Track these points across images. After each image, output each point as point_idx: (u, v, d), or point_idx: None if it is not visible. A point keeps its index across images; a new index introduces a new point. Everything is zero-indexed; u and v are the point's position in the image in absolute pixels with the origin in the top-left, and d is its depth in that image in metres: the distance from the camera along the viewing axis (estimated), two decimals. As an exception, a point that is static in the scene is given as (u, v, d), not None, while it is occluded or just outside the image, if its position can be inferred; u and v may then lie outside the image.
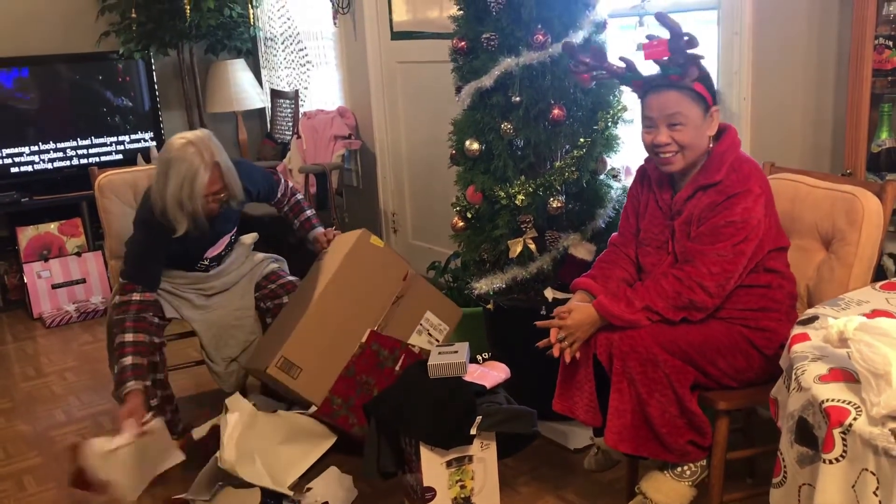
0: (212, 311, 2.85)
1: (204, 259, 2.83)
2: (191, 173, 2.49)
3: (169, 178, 2.51)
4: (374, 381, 2.49)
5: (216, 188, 2.56)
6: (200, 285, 2.86)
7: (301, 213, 3.02)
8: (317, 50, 5.07)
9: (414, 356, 2.54)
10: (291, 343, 2.46)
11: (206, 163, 2.51)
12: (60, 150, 4.89)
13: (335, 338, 2.50)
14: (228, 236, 2.88)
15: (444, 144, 2.98)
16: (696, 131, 2.01)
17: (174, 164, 2.50)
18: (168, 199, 2.52)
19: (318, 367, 2.47)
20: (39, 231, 4.70)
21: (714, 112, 2.03)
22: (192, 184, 2.49)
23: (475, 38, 2.69)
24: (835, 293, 1.98)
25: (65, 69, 4.88)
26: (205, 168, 2.50)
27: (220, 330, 2.87)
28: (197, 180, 2.49)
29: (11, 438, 3.17)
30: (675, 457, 2.01)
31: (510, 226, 2.72)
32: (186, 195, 2.50)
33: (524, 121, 2.64)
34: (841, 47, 2.46)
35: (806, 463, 1.44)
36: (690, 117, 2.00)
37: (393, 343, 2.55)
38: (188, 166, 2.49)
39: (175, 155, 2.51)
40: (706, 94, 2.01)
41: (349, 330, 2.52)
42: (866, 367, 1.35)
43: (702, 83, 2.00)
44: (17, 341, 4.26)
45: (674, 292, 1.98)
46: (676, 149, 2.03)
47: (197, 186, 2.50)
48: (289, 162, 4.87)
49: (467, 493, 2.28)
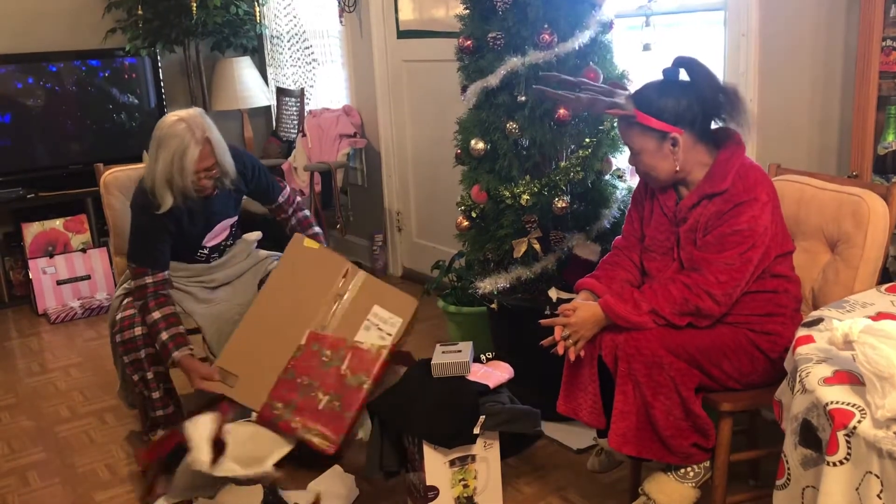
0: (215, 305, 2.86)
1: (203, 248, 2.82)
2: (181, 149, 2.50)
3: (159, 154, 2.52)
4: (318, 384, 2.43)
5: (207, 164, 2.56)
6: (203, 277, 2.86)
7: (310, 229, 2.97)
8: (323, 48, 5.08)
9: (363, 353, 2.46)
10: (225, 353, 2.51)
11: (197, 139, 2.52)
12: (66, 146, 4.90)
13: (272, 343, 2.48)
14: (229, 225, 2.86)
15: (449, 143, 2.99)
16: (653, 159, 2.05)
17: (165, 141, 2.52)
18: (157, 176, 2.54)
19: (254, 373, 2.46)
20: (45, 227, 4.72)
21: (674, 138, 2.01)
22: (182, 159, 2.50)
23: (481, 37, 2.70)
24: (840, 295, 1.98)
25: (71, 66, 4.89)
26: (195, 143, 2.51)
27: (224, 325, 2.87)
28: (187, 156, 2.50)
29: (16, 434, 3.18)
30: (678, 459, 2.01)
31: (515, 225, 2.72)
32: (177, 170, 2.51)
33: (530, 120, 2.64)
34: (847, 49, 2.46)
35: (810, 465, 1.44)
36: (643, 148, 2.05)
37: (336, 342, 2.48)
38: (179, 142, 2.50)
39: (166, 132, 2.53)
40: (657, 125, 2.01)
41: (287, 334, 2.48)
42: (871, 370, 1.34)
43: (653, 113, 2.00)
44: (22, 337, 4.27)
45: (681, 298, 1.98)
46: (641, 174, 2.13)
47: (187, 162, 2.50)
48: (294, 160, 4.87)
49: (470, 492, 2.28)
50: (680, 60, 2.04)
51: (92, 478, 2.81)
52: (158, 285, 2.68)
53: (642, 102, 2.03)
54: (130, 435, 3.09)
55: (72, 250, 4.75)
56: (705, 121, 2.05)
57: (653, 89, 2.05)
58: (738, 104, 2.02)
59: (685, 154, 2.03)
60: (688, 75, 2.05)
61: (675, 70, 2.06)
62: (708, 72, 2.03)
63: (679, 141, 2.01)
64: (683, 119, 2.01)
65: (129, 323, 2.71)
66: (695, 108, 2.01)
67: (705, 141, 2.05)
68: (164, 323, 2.65)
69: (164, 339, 2.63)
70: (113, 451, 2.99)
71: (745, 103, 2.04)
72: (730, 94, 2.02)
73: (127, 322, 2.71)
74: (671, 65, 2.06)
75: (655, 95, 2.03)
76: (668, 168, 2.05)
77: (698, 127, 2.03)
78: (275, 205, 2.95)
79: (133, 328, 2.70)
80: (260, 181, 2.87)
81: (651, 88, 2.05)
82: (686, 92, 2.02)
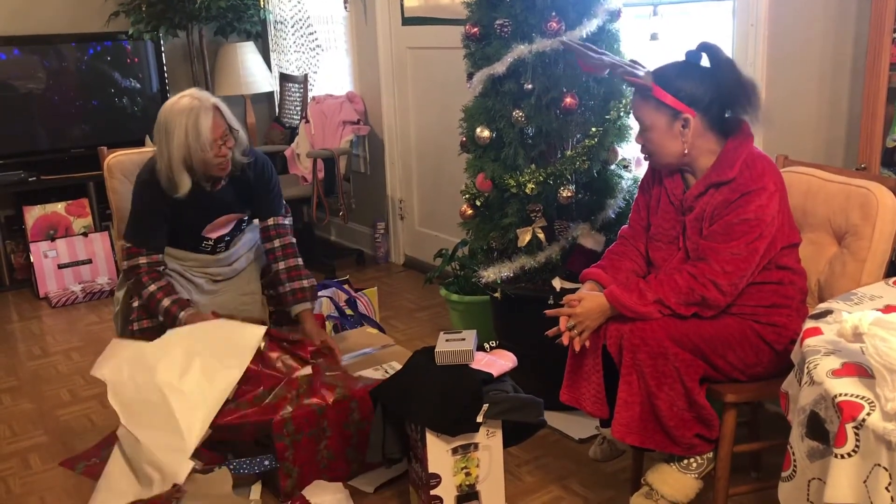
0: (218, 296, 2.85)
1: (208, 239, 2.80)
2: (193, 119, 2.50)
3: (172, 134, 2.51)
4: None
5: (221, 129, 2.55)
6: (208, 269, 2.84)
7: (297, 281, 2.77)
8: (327, 34, 5.05)
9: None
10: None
11: (206, 107, 2.53)
12: (68, 130, 4.88)
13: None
14: (234, 220, 2.83)
15: (453, 131, 2.97)
16: (662, 137, 2.04)
17: (174, 118, 2.51)
18: (174, 156, 2.52)
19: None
20: (46, 211, 4.70)
21: (686, 118, 2.00)
22: (196, 127, 2.49)
23: (488, 24, 2.68)
24: (846, 288, 1.97)
25: (74, 49, 4.87)
26: (205, 111, 2.52)
27: (227, 314, 2.86)
28: (201, 124, 2.50)
29: (17, 417, 3.17)
30: (681, 449, 2.00)
31: (519, 214, 2.71)
32: (193, 139, 2.50)
33: (536, 109, 2.62)
34: (858, 40, 2.44)
35: (816, 457, 1.43)
36: (654, 124, 2.04)
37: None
38: (188, 113, 2.50)
39: (173, 109, 2.53)
40: (672, 101, 2.00)
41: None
42: (881, 363, 1.33)
43: (670, 90, 2.00)
44: (23, 320, 4.27)
45: (687, 288, 1.97)
46: (647, 153, 2.11)
47: (203, 129, 2.50)
48: (297, 146, 4.85)
49: (472, 480, 2.27)
50: (704, 45, 2.05)
51: (93, 461, 2.81)
52: (152, 266, 2.67)
53: (661, 78, 2.03)
54: (132, 419, 3.09)
55: (73, 234, 4.74)
56: (720, 109, 2.04)
57: (673, 68, 2.06)
58: (755, 99, 2.01)
59: (694, 138, 2.02)
60: (709, 61, 2.04)
61: (698, 54, 2.05)
62: (730, 61, 2.03)
63: (690, 123, 2.00)
64: (699, 102, 2.00)
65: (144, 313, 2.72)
66: (712, 95, 2.00)
67: (716, 129, 2.04)
68: (161, 293, 2.64)
69: (167, 305, 2.62)
70: (114, 436, 2.99)
71: (762, 99, 2.04)
72: (748, 88, 2.01)
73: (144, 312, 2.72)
74: (695, 48, 2.05)
75: (675, 74, 2.03)
76: (676, 149, 2.04)
77: (712, 114, 2.02)
78: (273, 222, 2.81)
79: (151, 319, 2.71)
80: (266, 181, 2.78)
81: (672, 67, 2.06)
82: (706, 77, 2.02)
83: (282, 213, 2.84)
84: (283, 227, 2.82)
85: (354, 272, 4.62)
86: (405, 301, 4.17)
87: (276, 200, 2.84)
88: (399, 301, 4.17)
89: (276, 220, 2.81)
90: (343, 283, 3.44)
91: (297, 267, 2.80)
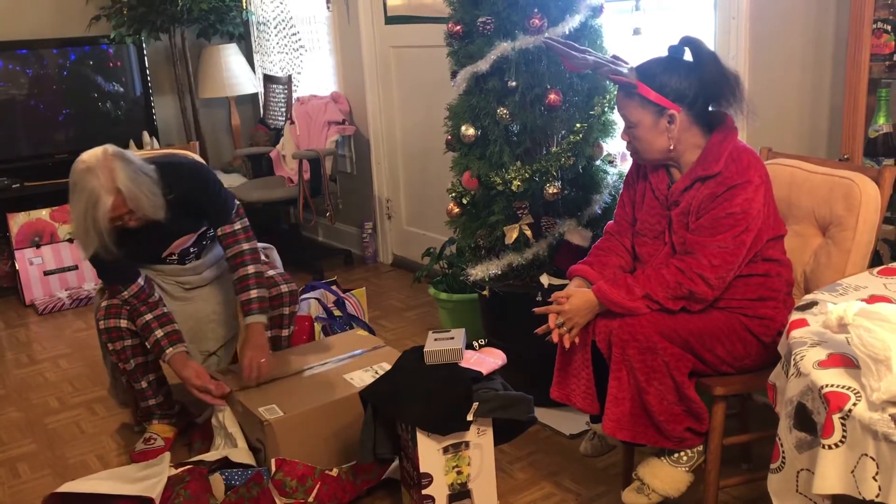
0: (190, 304, 2.82)
1: (171, 255, 2.76)
2: (92, 201, 2.40)
3: (73, 204, 2.46)
4: None
5: (121, 212, 2.45)
6: (178, 278, 2.82)
7: (240, 269, 2.68)
8: (310, 34, 5.03)
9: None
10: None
11: (108, 188, 2.39)
12: (51, 135, 4.84)
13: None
14: (190, 236, 2.75)
15: (438, 130, 2.97)
16: (648, 134, 2.04)
17: (76, 191, 2.44)
18: (76, 223, 2.47)
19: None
20: (31, 217, 4.67)
21: (671, 114, 2.01)
22: (94, 209, 2.40)
23: (471, 21, 2.68)
24: (832, 279, 1.98)
25: (55, 54, 4.83)
26: (106, 194, 2.39)
27: (197, 323, 2.84)
28: (99, 209, 2.40)
29: (5, 425, 3.15)
30: (672, 443, 2.01)
31: (506, 212, 2.71)
32: (91, 220, 2.42)
33: (520, 106, 2.62)
34: (839, 31, 2.45)
35: (804, 448, 1.44)
36: (639, 121, 2.04)
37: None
38: (88, 195, 2.40)
39: (76, 179, 2.44)
40: (657, 98, 2.00)
41: None
42: (866, 353, 1.34)
43: (655, 87, 2.00)
44: (10, 328, 4.24)
45: (675, 282, 1.98)
46: (633, 149, 2.11)
47: (100, 213, 2.40)
48: (282, 148, 4.84)
49: (464, 478, 2.27)
50: (686, 39, 2.04)
51: (83, 469, 2.79)
52: (139, 293, 2.66)
53: (645, 75, 2.03)
54: (121, 426, 3.07)
55: (59, 240, 4.70)
56: (704, 103, 2.04)
57: (657, 64, 2.05)
58: (739, 92, 2.02)
59: (680, 133, 2.03)
60: (692, 56, 2.04)
61: (681, 48, 2.05)
62: (713, 55, 2.03)
63: (676, 119, 2.01)
64: (684, 98, 2.00)
65: (115, 312, 2.69)
66: (696, 89, 2.01)
67: (701, 123, 2.05)
68: (156, 322, 2.64)
69: (159, 337, 2.62)
70: (104, 442, 2.97)
71: (745, 91, 2.04)
72: (731, 81, 2.01)
73: (114, 311, 2.69)
74: (677, 42, 2.05)
75: (659, 70, 2.03)
76: (662, 145, 2.04)
77: (696, 108, 2.03)
78: (221, 232, 2.70)
79: (119, 318, 2.68)
80: (200, 194, 2.67)
81: (655, 63, 2.05)
82: (690, 72, 2.02)
83: (230, 221, 2.70)
84: (233, 235, 2.70)
85: (342, 273, 4.61)
86: (394, 300, 4.17)
87: (221, 209, 2.70)
88: (388, 301, 4.16)
89: (223, 231, 2.70)
90: (331, 285, 3.43)
91: (246, 277, 2.68)
